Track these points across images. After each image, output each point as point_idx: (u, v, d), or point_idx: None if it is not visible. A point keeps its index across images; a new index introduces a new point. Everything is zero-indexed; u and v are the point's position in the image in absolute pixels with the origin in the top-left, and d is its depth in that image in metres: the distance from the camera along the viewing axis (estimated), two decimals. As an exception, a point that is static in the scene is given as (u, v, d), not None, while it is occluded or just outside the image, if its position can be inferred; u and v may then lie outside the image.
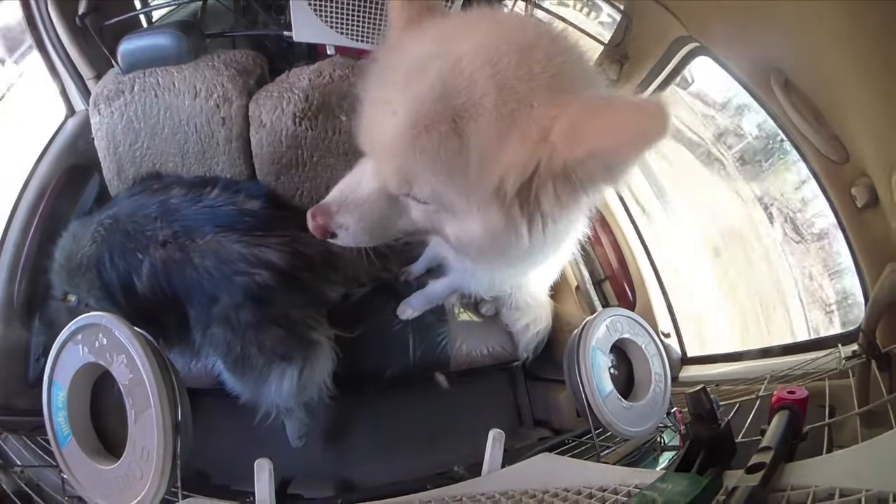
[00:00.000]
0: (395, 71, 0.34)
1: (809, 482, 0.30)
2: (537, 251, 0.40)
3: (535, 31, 0.33)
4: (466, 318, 0.81)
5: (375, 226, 0.40)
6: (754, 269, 0.84)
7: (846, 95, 0.49)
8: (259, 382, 0.67)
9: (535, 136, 0.30)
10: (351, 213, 0.39)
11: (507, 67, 0.31)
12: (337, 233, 0.40)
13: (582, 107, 0.30)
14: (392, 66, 0.35)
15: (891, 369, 0.45)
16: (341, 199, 0.39)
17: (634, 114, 0.27)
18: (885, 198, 0.46)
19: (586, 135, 0.28)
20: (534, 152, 0.30)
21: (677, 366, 0.78)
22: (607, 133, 0.28)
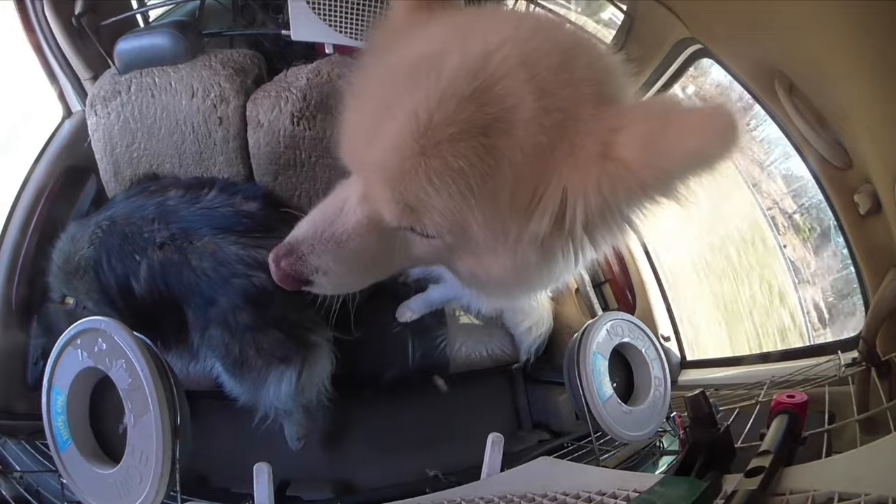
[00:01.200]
0: (397, 69, 0.27)
1: (808, 486, 0.30)
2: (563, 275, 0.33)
3: (571, 30, 0.28)
4: (466, 320, 0.81)
5: (364, 267, 0.31)
6: (755, 273, 0.84)
7: (850, 100, 0.48)
8: (257, 385, 0.66)
9: (592, 152, 0.25)
10: (330, 254, 0.29)
11: (547, 70, 0.25)
12: (312, 279, 0.30)
13: (648, 116, 0.25)
14: (391, 63, 0.27)
15: (891, 377, 0.45)
16: (315, 235, 0.30)
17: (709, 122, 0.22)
18: (888, 205, 0.46)
19: (664, 147, 0.23)
20: (598, 171, 0.24)
21: (677, 370, 0.78)
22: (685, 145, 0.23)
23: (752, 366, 0.70)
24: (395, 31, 0.30)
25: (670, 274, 0.84)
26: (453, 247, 0.30)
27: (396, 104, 0.25)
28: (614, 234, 0.28)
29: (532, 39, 0.26)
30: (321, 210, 0.31)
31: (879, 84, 0.44)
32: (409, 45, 0.28)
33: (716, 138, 0.22)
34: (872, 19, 0.42)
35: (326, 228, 0.30)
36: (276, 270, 0.31)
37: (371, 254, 0.30)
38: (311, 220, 0.31)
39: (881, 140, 0.46)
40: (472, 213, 0.26)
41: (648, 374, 0.59)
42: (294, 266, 0.30)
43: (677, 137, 0.23)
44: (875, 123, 0.46)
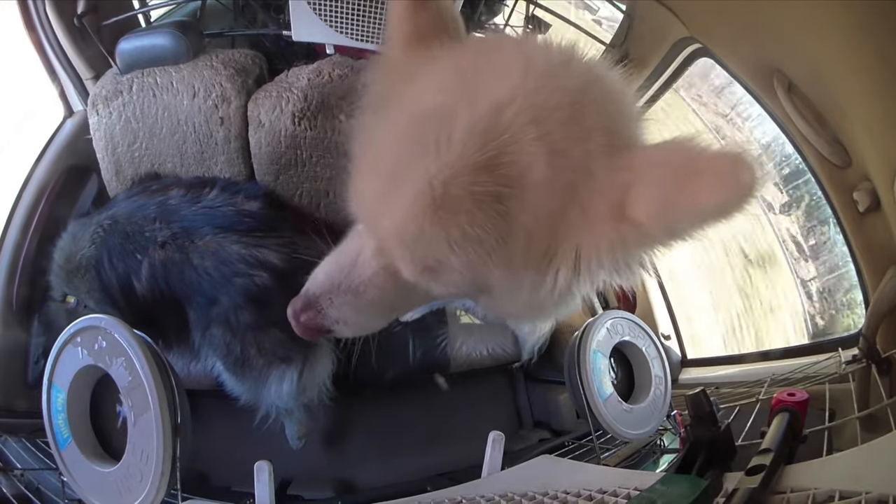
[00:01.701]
0: (404, 130, 0.26)
1: (809, 484, 0.30)
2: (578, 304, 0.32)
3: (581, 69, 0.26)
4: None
5: (382, 313, 0.32)
6: (756, 271, 0.84)
7: (849, 99, 0.48)
8: (259, 384, 0.66)
9: (604, 213, 0.24)
10: (348, 305, 0.30)
11: (557, 125, 0.24)
12: (332, 329, 0.32)
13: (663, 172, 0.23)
14: (397, 121, 0.27)
15: (891, 374, 0.45)
16: (331, 287, 0.30)
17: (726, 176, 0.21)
18: (887, 202, 0.46)
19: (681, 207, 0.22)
20: (611, 234, 0.24)
21: (677, 368, 0.78)
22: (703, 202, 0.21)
23: (753, 364, 0.70)
24: (394, 72, 0.30)
25: (671, 273, 0.84)
26: (470, 293, 0.30)
27: (408, 172, 0.25)
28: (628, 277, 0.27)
29: (542, 89, 0.24)
30: (336, 260, 0.31)
31: (878, 83, 0.44)
32: (412, 96, 0.27)
33: (734, 193, 0.21)
34: (871, 19, 0.42)
35: (343, 280, 0.30)
36: (297, 325, 0.31)
37: (389, 302, 0.31)
38: (327, 271, 0.31)
39: (880, 138, 0.46)
40: (489, 272, 0.26)
41: (649, 373, 0.59)
42: (314, 320, 0.31)
43: (693, 196, 0.22)
44: (874, 122, 0.46)
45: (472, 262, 0.26)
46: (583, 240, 0.25)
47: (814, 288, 0.72)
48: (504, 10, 0.99)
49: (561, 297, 0.28)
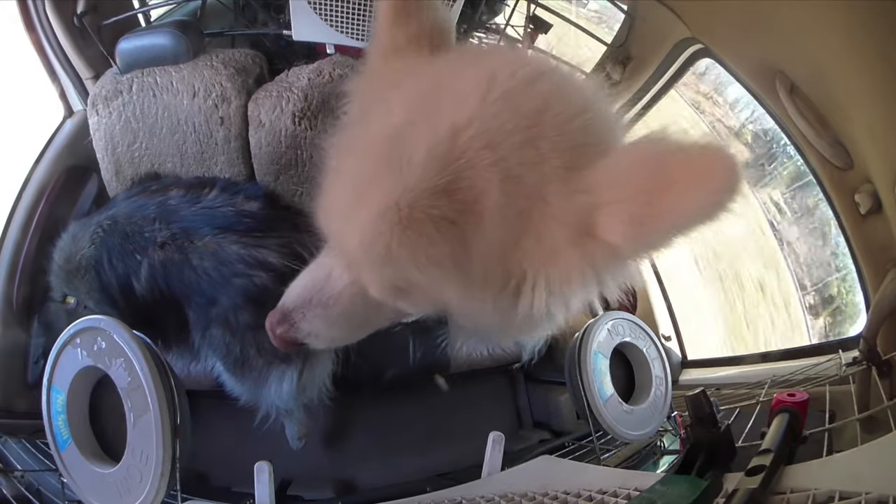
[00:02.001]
0: (369, 147, 0.26)
1: (809, 485, 0.30)
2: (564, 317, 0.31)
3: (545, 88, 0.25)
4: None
5: (354, 327, 0.33)
6: (756, 272, 0.84)
7: (851, 101, 0.48)
8: (258, 384, 0.66)
9: (563, 239, 0.23)
10: (319, 319, 0.31)
11: (512, 150, 0.23)
12: (305, 341, 0.33)
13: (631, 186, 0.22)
14: (365, 138, 0.27)
15: (891, 376, 0.45)
16: (304, 301, 0.31)
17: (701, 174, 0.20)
18: (888, 204, 0.46)
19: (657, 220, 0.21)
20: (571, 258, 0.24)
21: (678, 369, 0.78)
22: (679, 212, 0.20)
23: (753, 365, 0.70)
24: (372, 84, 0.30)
25: (671, 273, 0.84)
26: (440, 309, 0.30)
27: (372, 192, 0.25)
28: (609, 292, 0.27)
29: (500, 114, 0.24)
30: (310, 275, 0.32)
31: (880, 84, 0.44)
32: (380, 115, 0.27)
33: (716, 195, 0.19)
34: (873, 19, 0.42)
35: (315, 295, 0.31)
36: (274, 338, 0.33)
37: (359, 317, 0.32)
38: (302, 285, 0.32)
39: (882, 140, 0.46)
40: (450, 292, 0.26)
41: (649, 374, 0.59)
42: (288, 333, 0.32)
43: (670, 207, 0.20)
44: (876, 124, 0.46)
45: (434, 285, 0.26)
46: (546, 267, 0.25)
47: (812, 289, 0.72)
48: (505, 10, 0.99)
49: (538, 319, 0.27)
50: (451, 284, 0.26)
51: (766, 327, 0.81)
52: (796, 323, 0.74)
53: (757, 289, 0.84)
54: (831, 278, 0.66)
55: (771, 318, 0.80)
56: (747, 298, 0.86)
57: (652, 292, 0.83)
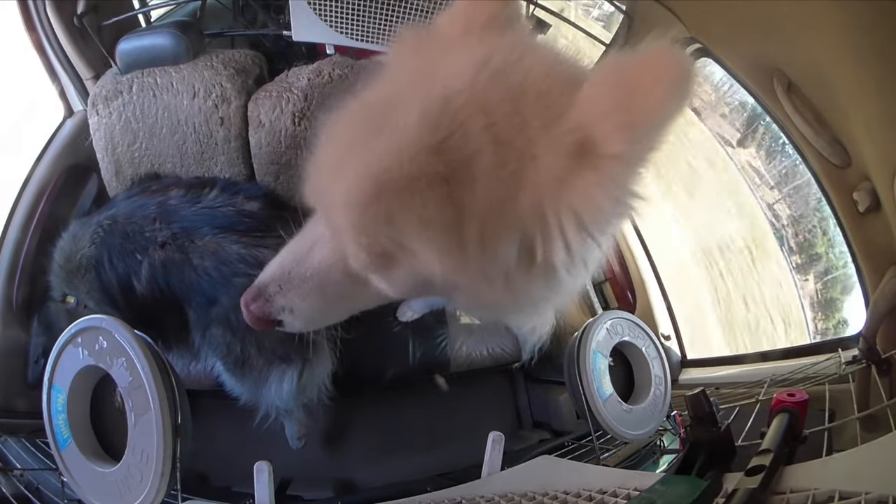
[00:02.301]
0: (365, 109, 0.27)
1: (809, 485, 0.30)
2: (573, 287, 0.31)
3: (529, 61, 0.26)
4: (467, 320, 0.81)
5: (331, 303, 0.31)
6: (755, 272, 0.84)
7: (848, 99, 0.48)
8: (259, 384, 0.66)
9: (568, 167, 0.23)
10: (295, 291, 0.29)
11: (502, 118, 0.24)
12: (281, 318, 0.31)
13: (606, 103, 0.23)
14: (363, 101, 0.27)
15: (891, 374, 0.45)
16: (282, 275, 0.30)
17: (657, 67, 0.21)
18: (887, 202, 0.46)
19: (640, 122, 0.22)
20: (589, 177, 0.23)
21: (677, 369, 0.78)
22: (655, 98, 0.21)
23: (753, 364, 0.70)
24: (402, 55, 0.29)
25: (670, 272, 0.84)
26: (425, 288, 0.28)
27: (362, 147, 0.25)
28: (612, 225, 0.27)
29: (490, 87, 0.25)
30: (289, 249, 0.31)
31: (878, 82, 0.44)
32: (378, 85, 0.27)
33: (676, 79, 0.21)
34: (871, 18, 0.42)
35: (293, 268, 0.30)
36: (248, 314, 0.31)
37: (336, 291, 0.30)
38: (279, 261, 0.31)
39: (880, 138, 0.46)
40: (440, 263, 0.25)
41: (649, 373, 0.59)
42: (262, 308, 0.30)
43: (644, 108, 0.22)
44: (874, 121, 0.46)
45: (422, 251, 0.25)
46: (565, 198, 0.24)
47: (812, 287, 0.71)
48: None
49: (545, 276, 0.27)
50: (441, 251, 0.25)
51: (765, 325, 0.81)
52: (796, 321, 0.74)
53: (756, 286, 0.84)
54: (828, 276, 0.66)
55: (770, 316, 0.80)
56: (746, 296, 0.86)
57: (651, 291, 0.83)
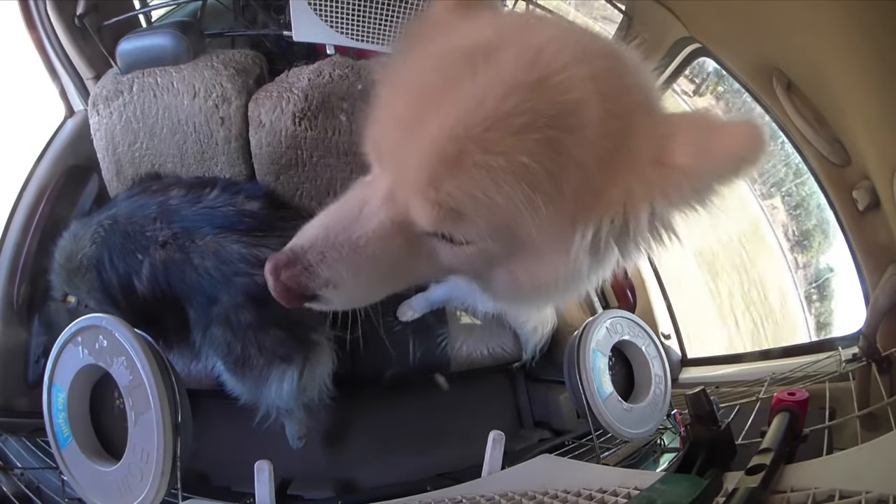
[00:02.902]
0: (445, 56, 0.23)
1: (809, 484, 0.30)
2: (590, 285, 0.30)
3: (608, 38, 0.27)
4: (468, 320, 0.81)
5: (382, 278, 0.27)
6: (755, 270, 0.84)
7: (848, 98, 0.49)
8: (259, 383, 0.66)
9: (649, 158, 0.24)
10: (343, 262, 0.25)
11: (604, 73, 0.23)
12: (319, 294, 0.26)
13: (695, 125, 0.24)
14: (437, 51, 0.24)
15: (891, 372, 0.45)
16: (326, 241, 0.25)
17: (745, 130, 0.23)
18: (886, 200, 0.46)
19: (714, 153, 0.23)
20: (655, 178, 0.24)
21: (677, 367, 0.78)
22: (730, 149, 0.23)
23: (753, 363, 0.70)
24: (434, 23, 0.27)
25: (671, 272, 0.84)
26: (491, 254, 0.26)
27: (449, 92, 0.22)
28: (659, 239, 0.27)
29: (581, 38, 0.25)
30: (334, 213, 0.26)
31: (877, 81, 0.44)
32: (455, 35, 0.25)
33: (753, 145, 0.23)
34: (869, 18, 0.42)
35: (341, 232, 0.25)
36: (275, 284, 0.26)
37: (392, 263, 0.26)
38: (322, 225, 0.26)
39: (879, 137, 0.46)
40: (531, 217, 0.23)
41: (649, 372, 0.59)
42: (298, 279, 0.25)
43: (723, 143, 0.23)
44: (873, 120, 0.46)
45: (512, 203, 0.22)
46: (632, 185, 0.24)
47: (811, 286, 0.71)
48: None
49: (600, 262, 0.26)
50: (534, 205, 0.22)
51: (765, 324, 0.80)
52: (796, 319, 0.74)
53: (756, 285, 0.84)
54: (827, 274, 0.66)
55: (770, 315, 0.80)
56: (746, 295, 0.86)
57: (651, 290, 0.83)
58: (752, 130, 0.23)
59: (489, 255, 0.26)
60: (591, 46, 0.24)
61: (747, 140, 0.23)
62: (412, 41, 0.27)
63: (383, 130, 0.25)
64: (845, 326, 0.60)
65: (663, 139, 0.24)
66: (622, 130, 0.24)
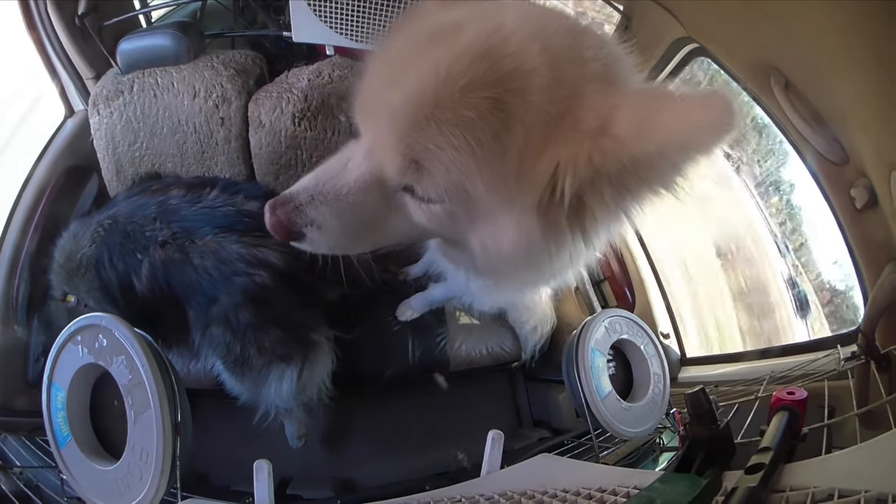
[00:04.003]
0: (419, 34, 0.28)
1: (808, 483, 0.30)
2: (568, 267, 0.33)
3: (577, 18, 0.30)
4: (466, 320, 0.81)
5: (359, 226, 0.30)
6: (754, 269, 0.84)
7: (845, 96, 0.49)
8: (258, 383, 0.67)
9: (592, 126, 0.25)
10: (328, 206, 0.29)
11: (559, 47, 0.26)
12: (304, 232, 0.30)
13: (647, 97, 0.26)
14: (414, 30, 0.28)
15: (890, 370, 0.45)
16: (315, 187, 0.29)
17: (705, 107, 0.23)
18: (884, 199, 0.46)
19: (658, 127, 0.23)
20: (591, 145, 0.25)
21: (676, 366, 0.78)
22: (679, 126, 0.23)
23: (752, 362, 0.70)
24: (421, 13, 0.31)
25: (670, 271, 0.84)
26: (454, 214, 0.29)
27: (415, 59, 0.26)
28: (612, 217, 0.28)
29: (543, 19, 0.27)
30: (324, 166, 0.31)
31: (874, 80, 0.44)
32: (433, 19, 0.29)
33: (711, 120, 0.22)
34: (866, 17, 0.43)
35: (328, 181, 0.30)
36: (270, 217, 0.30)
37: (368, 211, 0.30)
38: (314, 175, 0.31)
39: (877, 135, 0.46)
40: (479, 172, 0.26)
41: (647, 371, 0.59)
42: (289, 215, 0.30)
43: (673, 118, 0.23)
44: (870, 119, 0.46)
45: (460, 157, 0.25)
46: (564, 150, 0.26)
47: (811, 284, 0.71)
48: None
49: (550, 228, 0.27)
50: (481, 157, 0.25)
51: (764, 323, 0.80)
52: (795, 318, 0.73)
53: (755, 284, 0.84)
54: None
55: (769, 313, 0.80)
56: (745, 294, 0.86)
57: (650, 290, 0.83)
58: (712, 103, 0.22)
59: (453, 216, 0.29)
60: (551, 24, 0.27)
61: (703, 113, 0.22)
62: (400, 26, 0.31)
63: (365, 97, 0.30)
64: (844, 324, 0.60)
65: (610, 109, 0.25)
66: (570, 98, 0.26)
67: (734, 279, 0.86)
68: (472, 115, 0.25)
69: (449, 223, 0.30)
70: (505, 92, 0.25)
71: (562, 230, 0.28)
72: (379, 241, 0.33)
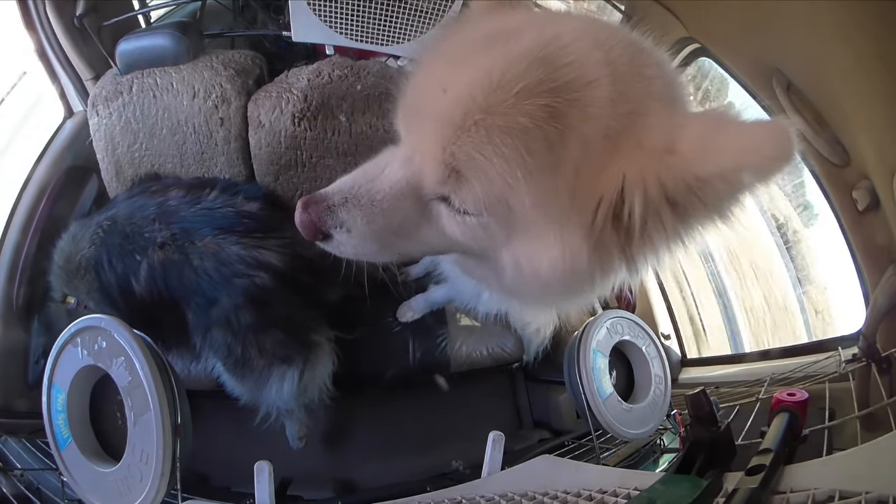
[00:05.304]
0: (472, 37, 0.26)
1: (809, 484, 0.30)
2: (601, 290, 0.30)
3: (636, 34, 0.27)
4: (467, 322, 0.81)
5: (389, 233, 0.29)
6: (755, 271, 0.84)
7: (847, 98, 0.49)
8: (259, 384, 0.66)
9: (659, 144, 0.24)
10: (360, 210, 0.28)
11: (620, 61, 0.24)
12: (332, 234, 0.29)
13: (712, 119, 0.24)
14: (466, 34, 0.27)
15: (891, 373, 0.45)
16: (350, 190, 0.28)
17: (768, 133, 0.22)
18: (886, 201, 0.46)
19: (722, 148, 0.22)
20: (659, 164, 0.23)
21: (677, 368, 0.78)
22: (743, 149, 0.22)
23: (753, 363, 0.70)
24: (470, 17, 0.30)
25: (670, 272, 0.84)
26: (489, 228, 0.27)
27: (466, 64, 0.25)
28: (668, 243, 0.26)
29: (604, 31, 0.26)
30: (363, 169, 0.30)
31: (877, 82, 0.44)
32: (485, 23, 0.28)
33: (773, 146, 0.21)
34: (869, 18, 0.42)
35: (363, 184, 0.29)
36: (301, 214, 0.29)
37: (401, 220, 0.29)
38: (351, 177, 0.30)
39: (879, 137, 0.46)
40: (526, 184, 0.24)
41: (648, 372, 0.59)
42: (320, 214, 0.29)
43: (735, 139, 0.22)
44: (873, 120, 0.46)
45: (508, 167, 0.23)
46: (630, 168, 0.24)
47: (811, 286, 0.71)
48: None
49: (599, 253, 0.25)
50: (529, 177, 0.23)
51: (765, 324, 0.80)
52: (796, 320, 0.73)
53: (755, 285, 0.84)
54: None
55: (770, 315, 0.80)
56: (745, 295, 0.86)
57: (651, 291, 0.83)
58: (773, 131, 0.21)
59: (489, 231, 0.27)
60: (612, 37, 0.25)
61: (763, 141, 0.21)
62: (447, 30, 0.30)
63: (409, 101, 0.28)
64: (845, 327, 0.60)
65: (676, 128, 0.24)
66: (633, 114, 0.24)
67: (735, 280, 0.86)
68: (526, 122, 0.23)
69: (484, 237, 0.28)
70: (563, 101, 0.23)
71: (611, 254, 0.26)
72: (406, 251, 0.32)
